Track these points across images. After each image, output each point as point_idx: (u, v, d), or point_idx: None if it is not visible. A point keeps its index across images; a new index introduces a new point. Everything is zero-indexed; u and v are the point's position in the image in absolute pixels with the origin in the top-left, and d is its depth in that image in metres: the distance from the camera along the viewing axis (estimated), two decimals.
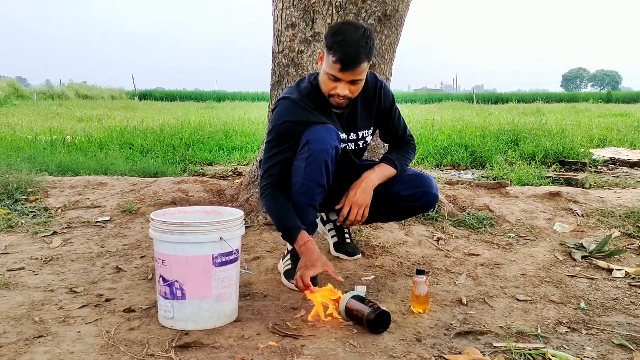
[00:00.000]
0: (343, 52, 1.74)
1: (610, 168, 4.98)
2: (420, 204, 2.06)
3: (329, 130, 1.86)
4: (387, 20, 2.60)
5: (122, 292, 1.90)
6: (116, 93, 25.51)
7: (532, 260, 2.32)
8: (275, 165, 1.88)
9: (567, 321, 1.70)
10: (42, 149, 4.95)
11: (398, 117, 2.12)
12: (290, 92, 1.94)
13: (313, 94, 1.91)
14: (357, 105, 1.99)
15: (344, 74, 1.78)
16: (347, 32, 1.76)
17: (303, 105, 1.89)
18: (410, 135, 2.18)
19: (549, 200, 3.12)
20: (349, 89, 1.83)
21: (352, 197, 1.97)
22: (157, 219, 1.61)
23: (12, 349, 1.46)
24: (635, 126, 8.31)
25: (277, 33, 2.71)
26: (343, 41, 1.74)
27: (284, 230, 1.85)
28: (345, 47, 1.74)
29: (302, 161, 1.82)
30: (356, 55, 1.75)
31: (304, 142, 1.83)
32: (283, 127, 1.88)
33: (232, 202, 2.88)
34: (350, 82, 1.81)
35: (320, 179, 1.83)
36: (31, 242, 2.50)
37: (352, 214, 1.97)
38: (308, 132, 1.84)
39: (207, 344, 1.50)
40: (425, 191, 2.03)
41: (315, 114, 1.89)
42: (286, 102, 1.91)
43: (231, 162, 4.98)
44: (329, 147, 1.82)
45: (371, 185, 1.98)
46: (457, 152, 5.27)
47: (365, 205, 1.97)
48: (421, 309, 1.75)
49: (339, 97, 1.84)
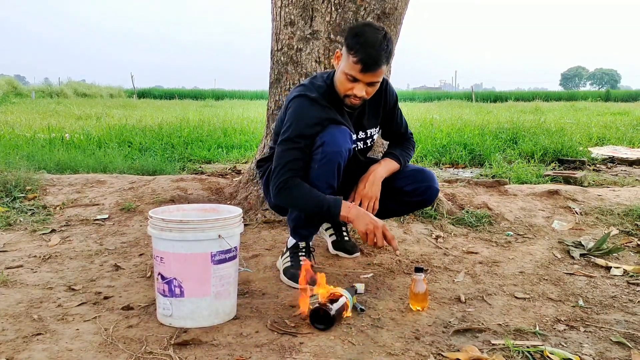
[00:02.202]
0: (365, 54, 1.75)
1: (608, 166, 4.98)
2: (424, 199, 2.08)
3: (343, 132, 1.86)
4: (386, 18, 2.60)
5: (120, 290, 1.90)
6: (115, 91, 25.47)
7: (531, 258, 2.32)
8: (295, 161, 1.84)
9: (566, 319, 1.71)
10: (40, 147, 4.94)
11: (400, 115, 2.15)
12: (309, 90, 1.91)
13: (328, 93, 1.91)
14: (365, 104, 2.00)
15: (364, 75, 1.79)
16: (368, 33, 1.77)
17: (323, 104, 1.89)
18: (410, 133, 2.22)
19: (548, 198, 3.12)
20: (366, 91, 1.84)
21: (362, 190, 1.98)
22: (155, 217, 1.60)
23: (10, 346, 1.46)
24: (634, 125, 8.32)
25: (275, 31, 2.71)
26: (365, 43, 1.75)
27: (327, 205, 1.80)
28: (368, 48, 1.75)
29: (315, 162, 1.83)
30: (378, 57, 1.76)
31: (318, 143, 1.83)
32: (304, 125, 1.85)
33: (231, 200, 2.88)
34: (368, 83, 1.82)
35: (331, 180, 1.85)
36: (30, 240, 2.49)
37: (364, 206, 1.97)
38: (323, 134, 1.84)
39: (206, 342, 1.50)
40: (429, 185, 2.05)
41: (334, 113, 1.90)
42: (304, 100, 1.89)
43: (230, 161, 4.98)
44: (343, 150, 1.83)
45: (379, 178, 2.00)
46: (456, 150, 5.28)
47: (375, 198, 1.99)
48: (420, 307, 1.75)
49: (355, 97, 1.84)
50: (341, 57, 1.85)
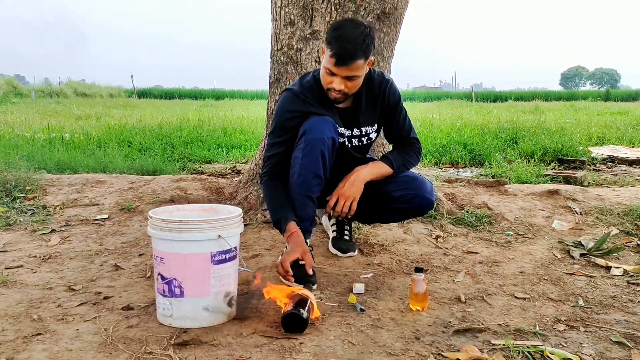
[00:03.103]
0: (339, 47, 1.77)
1: (608, 166, 4.98)
2: (413, 207, 2.06)
3: (326, 121, 1.88)
4: (386, 18, 2.60)
5: (120, 290, 1.90)
6: (115, 91, 25.48)
7: (531, 258, 2.32)
8: (275, 156, 1.95)
9: (566, 319, 1.70)
10: (40, 147, 4.94)
11: (404, 117, 2.09)
12: (294, 85, 1.98)
13: (315, 87, 1.94)
14: (362, 101, 2.00)
15: (339, 69, 1.80)
16: (347, 28, 1.79)
17: (304, 97, 1.93)
18: (415, 138, 2.13)
19: (548, 198, 3.12)
20: (345, 85, 1.85)
21: (340, 189, 1.99)
22: (155, 217, 1.60)
23: (10, 346, 1.46)
24: (633, 124, 8.32)
25: (275, 31, 2.70)
26: (341, 36, 1.77)
27: (275, 219, 1.91)
28: (343, 42, 1.76)
29: (300, 152, 1.86)
30: (352, 52, 1.77)
31: (301, 132, 1.87)
32: (283, 118, 1.93)
33: (231, 200, 2.88)
34: (345, 77, 1.83)
35: (317, 169, 1.85)
36: (29, 240, 2.49)
37: (339, 205, 1.98)
38: (305, 123, 1.88)
39: (206, 342, 1.50)
40: (417, 194, 2.02)
41: (315, 106, 1.92)
42: (288, 93, 1.97)
43: (230, 160, 4.98)
44: (326, 138, 1.84)
45: (361, 180, 1.98)
46: (456, 150, 5.28)
47: (352, 198, 1.98)
48: (420, 307, 1.75)
49: (334, 91, 1.86)
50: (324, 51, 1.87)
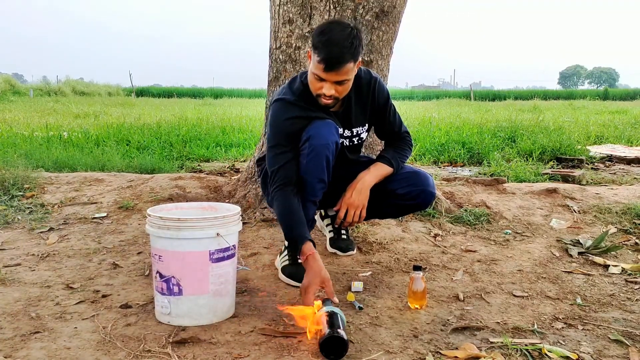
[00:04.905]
0: (327, 52, 1.70)
1: (607, 165, 4.99)
2: (417, 202, 2.06)
3: (329, 125, 1.85)
4: (384, 16, 2.60)
5: (118, 288, 1.90)
6: (113, 90, 25.43)
7: (529, 257, 2.32)
8: (283, 167, 1.83)
9: (564, 317, 1.71)
10: (38, 145, 4.93)
11: (393, 113, 2.09)
12: (284, 93, 1.91)
13: (305, 92, 1.89)
14: (352, 102, 1.98)
15: (328, 74, 1.75)
16: (333, 31, 1.72)
17: (299, 104, 1.88)
18: (406, 132, 2.14)
19: (546, 196, 3.13)
20: (336, 89, 1.79)
21: (348, 199, 1.96)
22: (154, 215, 1.60)
23: (8, 344, 1.46)
24: (632, 123, 8.34)
25: (274, 29, 2.70)
26: (328, 41, 1.71)
27: (291, 239, 1.80)
28: (330, 47, 1.70)
29: (304, 157, 1.82)
30: (340, 56, 1.71)
31: (304, 138, 1.83)
32: (284, 126, 1.86)
33: (230, 199, 2.88)
34: (335, 82, 1.77)
35: (321, 174, 1.83)
36: (28, 238, 2.49)
37: (350, 215, 1.97)
38: (309, 129, 1.83)
39: (204, 340, 1.50)
40: (422, 189, 2.02)
41: (314, 110, 1.88)
42: (282, 103, 1.89)
43: (228, 159, 4.98)
44: (330, 143, 1.82)
45: (367, 186, 1.98)
46: (454, 148, 5.28)
47: (361, 206, 1.97)
48: (418, 305, 1.75)
49: (325, 97, 1.81)
50: (311, 57, 1.80)
